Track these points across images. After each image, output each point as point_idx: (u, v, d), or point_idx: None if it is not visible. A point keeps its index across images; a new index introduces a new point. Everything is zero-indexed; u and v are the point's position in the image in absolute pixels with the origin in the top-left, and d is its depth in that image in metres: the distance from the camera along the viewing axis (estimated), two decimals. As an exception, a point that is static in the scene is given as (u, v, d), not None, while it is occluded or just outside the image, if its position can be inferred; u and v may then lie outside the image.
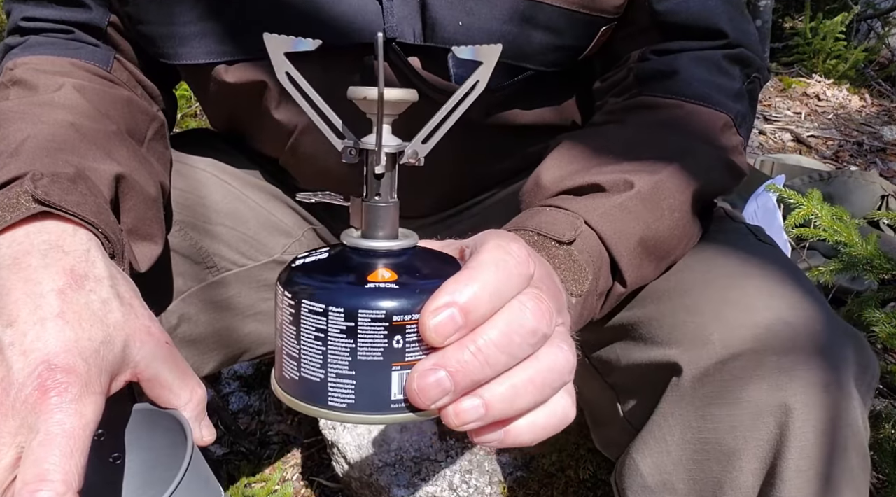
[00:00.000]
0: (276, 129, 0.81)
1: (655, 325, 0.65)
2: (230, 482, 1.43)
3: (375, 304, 0.39)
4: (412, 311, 0.39)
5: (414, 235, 0.45)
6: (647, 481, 0.64)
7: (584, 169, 0.66)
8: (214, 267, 0.82)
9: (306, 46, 0.40)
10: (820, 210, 1.37)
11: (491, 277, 0.40)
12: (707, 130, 0.71)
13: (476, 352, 0.39)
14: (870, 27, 3.44)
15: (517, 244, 0.42)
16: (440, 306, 0.39)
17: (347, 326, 0.39)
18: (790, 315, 0.61)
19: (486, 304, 0.39)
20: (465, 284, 0.39)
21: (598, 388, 0.73)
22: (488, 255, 0.41)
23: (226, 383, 1.67)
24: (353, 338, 0.39)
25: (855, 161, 2.50)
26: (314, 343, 0.40)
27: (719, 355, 0.60)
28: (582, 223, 0.60)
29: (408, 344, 0.39)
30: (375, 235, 0.43)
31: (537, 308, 0.40)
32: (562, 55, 0.76)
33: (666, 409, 0.63)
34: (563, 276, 0.56)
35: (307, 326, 0.40)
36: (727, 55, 0.75)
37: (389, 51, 0.73)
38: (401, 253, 0.43)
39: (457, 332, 0.39)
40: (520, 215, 0.63)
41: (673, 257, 0.67)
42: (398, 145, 0.43)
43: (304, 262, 0.43)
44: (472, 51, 0.42)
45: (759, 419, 0.58)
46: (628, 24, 0.77)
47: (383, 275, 0.41)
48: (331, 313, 0.39)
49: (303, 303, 0.40)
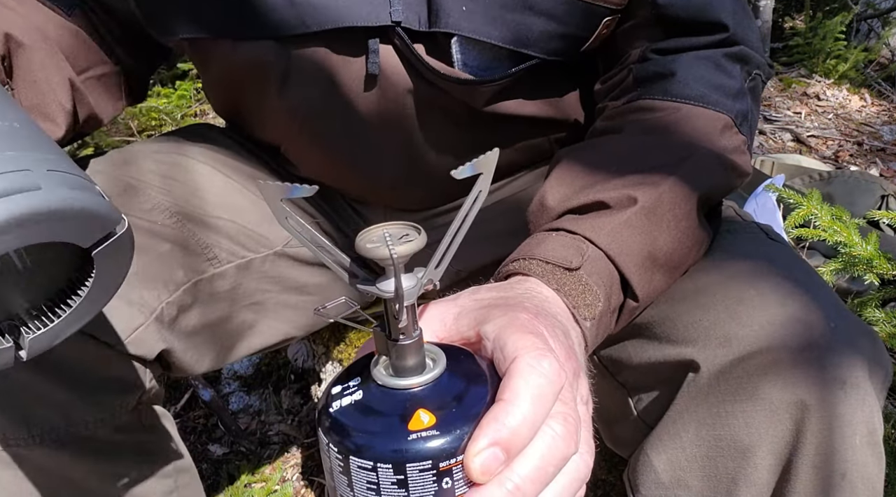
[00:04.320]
0: (282, 112, 0.81)
1: (670, 323, 0.65)
2: (230, 482, 1.43)
3: (422, 456, 0.41)
4: (455, 454, 0.41)
5: (441, 356, 0.46)
6: (661, 478, 0.64)
7: (588, 186, 0.66)
8: (215, 258, 0.82)
9: (302, 192, 0.40)
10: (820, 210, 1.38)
11: (527, 409, 0.42)
12: (706, 132, 0.71)
13: (514, 490, 0.41)
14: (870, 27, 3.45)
15: (548, 361, 0.44)
16: (482, 448, 0.41)
17: (398, 479, 0.41)
18: (805, 313, 0.61)
19: (525, 436, 0.42)
20: (503, 423, 0.41)
21: (607, 387, 0.73)
22: (522, 381, 0.43)
23: (226, 383, 1.66)
24: (405, 488, 0.41)
25: (855, 161, 2.51)
26: (369, 493, 0.42)
27: (736, 353, 0.60)
28: (588, 246, 0.61)
29: (456, 481, 0.42)
30: (405, 371, 0.44)
31: (566, 432, 0.43)
32: (563, 44, 0.76)
33: (681, 406, 0.63)
34: (575, 302, 0.57)
35: (359, 479, 0.42)
36: (727, 53, 0.75)
37: (395, 36, 0.73)
38: (434, 386, 0.44)
39: (500, 467, 0.41)
40: (527, 242, 0.63)
41: (685, 265, 0.68)
42: (416, 286, 0.44)
43: (342, 407, 0.44)
44: (471, 167, 0.43)
45: (774, 416, 0.58)
46: (630, 18, 0.77)
47: (423, 420, 0.42)
48: (380, 469, 0.41)
49: (351, 459, 0.42)
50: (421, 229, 0.44)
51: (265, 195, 0.41)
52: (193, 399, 1.60)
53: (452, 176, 0.42)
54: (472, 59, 0.75)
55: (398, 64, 0.75)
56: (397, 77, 0.76)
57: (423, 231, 0.44)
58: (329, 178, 0.90)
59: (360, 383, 0.46)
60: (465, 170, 0.42)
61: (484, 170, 0.43)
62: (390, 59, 0.75)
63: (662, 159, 0.68)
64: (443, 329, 0.51)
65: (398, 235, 0.43)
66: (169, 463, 0.79)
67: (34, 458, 0.68)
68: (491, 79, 0.76)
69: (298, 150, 0.88)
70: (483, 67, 0.76)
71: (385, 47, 0.74)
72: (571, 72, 0.83)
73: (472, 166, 0.43)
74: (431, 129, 0.80)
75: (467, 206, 0.44)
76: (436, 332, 0.50)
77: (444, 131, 0.81)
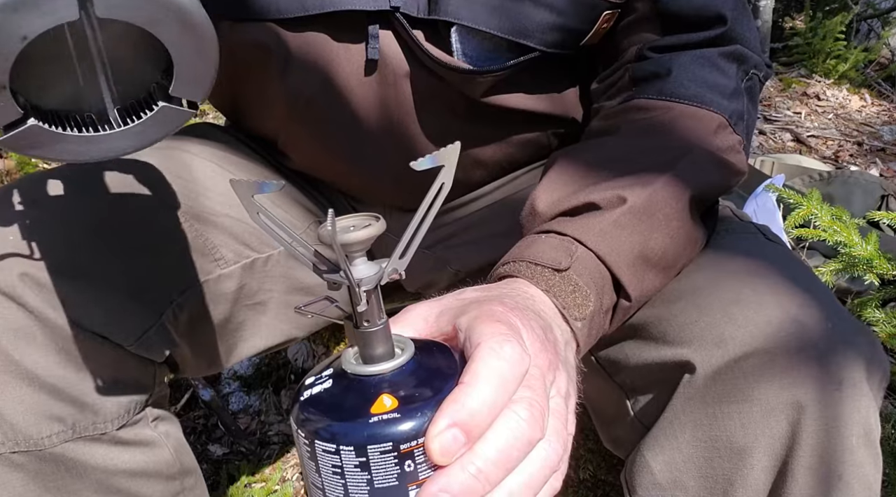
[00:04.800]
0: (282, 98, 0.82)
1: (666, 324, 0.65)
2: (230, 482, 1.43)
3: (382, 438, 0.42)
4: (417, 436, 0.42)
5: (409, 345, 0.47)
6: (657, 479, 0.64)
7: (579, 189, 0.66)
8: (222, 259, 0.82)
9: (271, 188, 0.43)
10: (820, 210, 1.38)
11: (487, 391, 0.42)
12: (700, 132, 0.71)
13: (477, 473, 0.41)
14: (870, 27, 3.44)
15: (510, 345, 0.44)
16: (442, 429, 0.41)
17: (360, 461, 0.42)
18: (801, 313, 0.61)
19: (485, 418, 0.42)
20: (462, 403, 0.42)
21: (605, 388, 0.73)
22: (482, 364, 0.43)
23: (226, 383, 1.66)
24: (368, 470, 0.42)
25: (855, 161, 2.51)
26: (333, 477, 0.43)
27: (732, 354, 0.60)
28: (577, 247, 0.61)
29: (418, 465, 0.42)
30: (372, 359, 0.45)
31: (531, 417, 0.43)
32: (563, 36, 0.76)
33: (677, 407, 0.63)
34: (564, 303, 0.57)
35: (324, 463, 0.43)
36: (723, 52, 0.75)
37: (395, 22, 0.73)
38: (399, 372, 0.45)
39: (461, 448, 0.41)
40: (517, 245, 0.64)
41: (680, 264, 0.68)
42: (377, 274, 0.45)
43: (311, 395, 0.46)
44: (431, 159, 0.43)
45: (770, 417, 0.58)
46: (630, 13, 0.77)
47: (385, 403, 0.43)
48: (342, 452, 0.42)
49: (316, 443, 0.43)
50: (380, 218, 0.45)
51: (237, 192, 0.42)
52: (193, 399, 1.60)
53: (412, 167, 0.42)
54: (471, 49, 0.75)
55: (398, 50, 0.75)
56: (396, 63, 0.76)
57: (382, 220, 0.45)
58: (329, 172, 0.90)
59: (331, 373, 0.47)
60: (425, 162, 0.43)
61: (445, 162, 0.44)
62: (390, 45, 0.75)
63: (655, 159, 0.68)
64: (425, 326, 0.51)
65: (361, 225, 0.44)
66: (175, 466, 0.79)
67: (41, 460, 0.68)
68: (489, 69, 0.76)
69: (297, 141, 0.88)
70: (482, 58, 0.76)
71: (385, 33, 0.74)
72: (571, 68, 0.84)
73: (432, 158, 0.43)
74: (429, 118, 0.80)
75: (430, 198, 0.45)
76: (418, 329, 0.51)
77: (442, 121, 0.81)
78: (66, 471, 0.69)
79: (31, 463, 0.67)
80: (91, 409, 0.69)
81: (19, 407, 0.65)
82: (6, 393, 0.65)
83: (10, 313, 0.65)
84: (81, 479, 0.70)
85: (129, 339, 0.71)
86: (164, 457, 0.78)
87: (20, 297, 0.65)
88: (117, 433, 0.72)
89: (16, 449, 0.66)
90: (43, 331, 0.66)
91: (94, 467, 0.70)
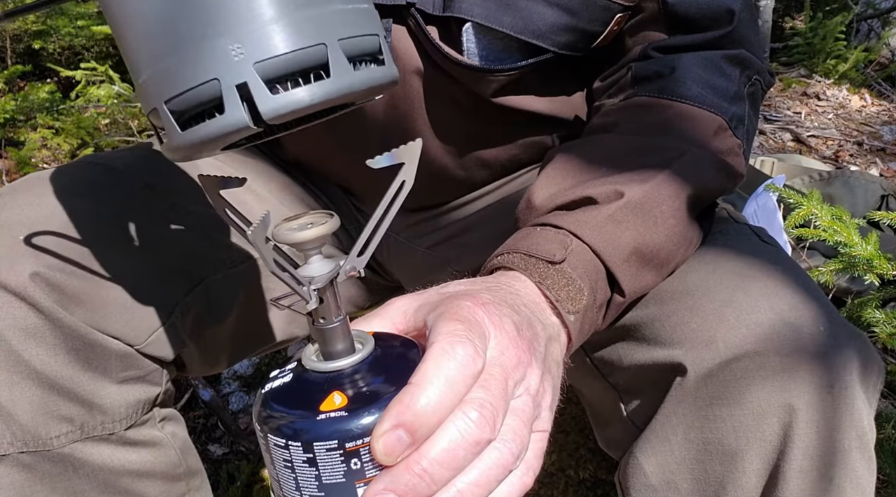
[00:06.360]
0: None
1: (658, 325, 0.65)
2: (230, 482, 1.43)
3: (328, 436, 0.42)
4: (363, 435, 0.42)
5: (370, 342, 0.47)
6: (650, 480, 0.64)
7: (577, 183, 0.66)
8: (228, 258, 0.82)
9: (234, 184, 0.44)
10: (820, 210, 1.37)
11: (434, 392, 0.42)
12: (700, 132, 0.71)
13: (422, 473, 0.41)
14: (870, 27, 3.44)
15: (462, 345, 0.44)
16: (387, 430, 0.41)
17: (307, 457, 0.42)
18: (793, 316, 0.61)
19: (431, 418, 0.42)
20: (407, 405, 0.41)
21: (599, 388, 0.73)
22: (432, 364, 0.43)
23: (226, 383, 1.67)
24: (315, 466, 0.42)
25: (855, 161, 2.50)
26: (285, 470, 0.44)
27: (723, 356, 0.60)
28: (573, 240, 0.61)
29: (365, 463, 0.42)
30: (329, 355, 0.46)
31: (480, 417, 0.43)
32: (575, 38, 0.76)
33: (669, 408, 0.63)
34: (558, 296, 0.57)
35: (277, 457, 0.44)
36: (727, 56, 0.75)
37: (409, 18, 0.73)
38: (354, 370, 0.45)
39: (406, 449, 0.41)
40: (512, 237, 0.64)
41: (673, 263, 0.67)
42: (330, 272, 0.45)
43: (271, 389, 0.46)
44: (389, 156, 0.43)
45: (762, 420, 0.58)
46: (638, 12, 0.77)
47: (335, 401, 0.43)
48: (291, 447, 0.43)
49: (269, 437, 0.44)
50: (334, 215, 0.45)
51: (205, 187, 0.43)
52: (193, 399, 1.61)
53: (368, 165, 0.42)
54: (482, 49, 0.75)
55: (410, 45, 0.76)
56: (408, 59, 0.76)
57: (336, 217, 0.45)
58: (332, 166, 0.90)
59: (292, 368, 0.47)
60: (382, 159, 0.43)
61: (406, 159, 0.44)
62: (402, 40, 0.75)
63: (654, 157, 0.68)
64: (402, 320, 0.51)
65: (318, 223, 0.44)
66: (181, 466, 0.79)
67: (50, 460, 0.68)
68: (501, 68, 0.76)
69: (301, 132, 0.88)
70: (493, 58, 0.76)
71: (398, 27, 0.75)
72: (581, 72, 0.84)
73: (389, 156, 0.43)
74: (436, 115, 0.80)
75: (389, 197, 0.44)
76: (396, 323, 0.51)
77: (450, 119, 0.81)
78: (74, 471, 0.69)
79: (39, 463, 0.67)
80: (100, 410, 0.70)
81: (28, 407, 0.65)
82: (15, 393, 0.65)
83: (21, 313, 0.65)
84: (89, 479, 0.70)
85: (140, 338, 0.72)
86: (171, 457, 0.78)
87: (31, 296, 0.65)
88: (125, 433, 0.73)
89: (24, 449, 0.66)
90: (53, 331, 0.66)
91: (102, 468, 0.71)
